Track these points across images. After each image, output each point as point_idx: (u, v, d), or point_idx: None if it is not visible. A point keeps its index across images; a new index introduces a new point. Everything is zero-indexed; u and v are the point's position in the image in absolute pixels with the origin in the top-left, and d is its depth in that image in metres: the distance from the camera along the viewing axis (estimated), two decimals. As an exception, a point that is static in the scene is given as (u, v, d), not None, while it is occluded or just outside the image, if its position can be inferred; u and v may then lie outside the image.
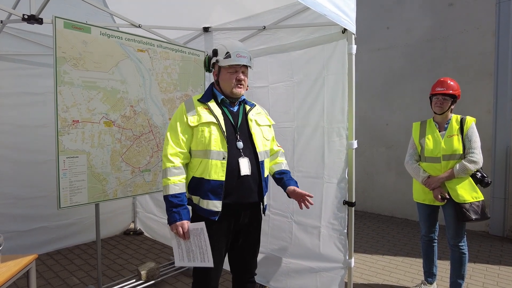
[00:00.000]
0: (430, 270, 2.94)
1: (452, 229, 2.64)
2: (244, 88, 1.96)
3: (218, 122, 1.84)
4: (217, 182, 1.79)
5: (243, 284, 2.09)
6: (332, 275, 2.53)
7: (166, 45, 3.04)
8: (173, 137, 1.84)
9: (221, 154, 1.80)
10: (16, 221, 3.62)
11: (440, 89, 2.64)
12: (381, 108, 5.60)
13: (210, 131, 1.81)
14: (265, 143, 2.00)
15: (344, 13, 2.14)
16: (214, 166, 1.79)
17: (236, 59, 1.85)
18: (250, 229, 1.99)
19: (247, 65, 1.91)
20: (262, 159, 1.95)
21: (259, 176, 1.92)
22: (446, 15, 4.93)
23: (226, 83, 1.90)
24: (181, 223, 1.75)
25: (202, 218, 1.81)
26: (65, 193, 2.47)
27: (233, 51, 1.86)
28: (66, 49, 2.43)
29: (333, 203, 2.49)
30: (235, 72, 1.88)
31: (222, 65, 1.88)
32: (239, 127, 1.92)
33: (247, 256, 2.05)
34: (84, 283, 3.17)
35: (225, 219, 1.84)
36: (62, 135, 2.43)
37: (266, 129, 2.06)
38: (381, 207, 5.72)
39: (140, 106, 2.84)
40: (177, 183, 1.79)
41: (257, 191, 1.91)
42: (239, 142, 1.87)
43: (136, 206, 4.66)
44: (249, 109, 2.02)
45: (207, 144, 1.80)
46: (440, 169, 2.62)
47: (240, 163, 1.83)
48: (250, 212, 1.94)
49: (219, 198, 1.79)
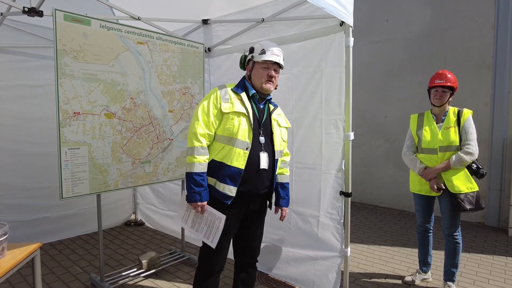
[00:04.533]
0: (425, 260, 3.01)
1: (447, 219, 2.69)
2: (274, 85, 2.05)
3: (248, 114, 1.94)
4: (237, 169, 1.90)
5: (245, 269, 2.18)
6: (329, 264, 2.59)
7: (166, 38, 3.05)
8: (205, 118, 1.93)
9: (246, 144, 1.91)
10: (18, 211, 3.67)
11: (440, 81, 2.66)
12: (380, 101, 5.62)
13: (239, 121, 1.92)
14: (282, 143, 2.13)
15: (342, 6, 2.17)
16: (237, 154, 1.90)
17: (270, 56, 1.97)
18: (257, 217, 2.14)
19: (279, 64, 2.01)
20: (277, 158, 2.08)
21: (273, 172, 2.05)
22: (445, 7, 4.92)
23: (258, 78, 2.00)
24: (201, 204, 1.89)
25: (215, 200, 1.93)
26: (67, 184, 2.51)
27: (268, 49, 1.98)
28: (67, 41, 2.45)
29: (331, 193, 2.54)
30: (267, 69, 1.99)
31: (257, 60, 1.99)
32: (263, 123, 2.03)
33: (251, 242, 2.16)
34: (86, 272, 3.23)
35: (237, 205, 1.96)
36: (63, 127, 2.46)
37: (284, 131, 2.18)
38: (379, 199, 5.78)
39: (140, 98, 2.87)
40: (202, 162, 1.90)
41: (268, 185, 2.05)
42: (262, 137, 1.99)
43: (136, 198, 4.72)
44: (273, 109, 2.13)
45: (235, 133, 1.90)
46: (436, 160, 2.66)
47: (260, 157, 1.95)
48: (259, 202, 2.08)
49: (235, 184, 1.91)
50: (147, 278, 3.08)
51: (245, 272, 2.18)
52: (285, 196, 2.22)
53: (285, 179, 2.25)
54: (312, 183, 2.70)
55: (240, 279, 2.18)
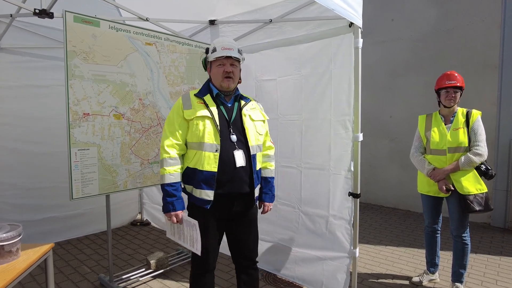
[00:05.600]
0: (433, 260, 3.00)
1: (455, 220, 2.69)
2: (234, 81, 1.99)
3: (212, 116, 1.92)
4: (209, 173, 1.88)
5: (245, 271, 2.15)
6: (338, 264, 2.60)
7: (174, 38, 3.06)
8: (170, 129, 1.94)
9: (214, 146, 1.89)
10: (25, 211, 3.70)
11: (450, 82, 2.66)
12: (385, 101, 5.62)
13: (204, 125, 1.89)
14: (258, 137, 2.07)
15: (351, 7, 2.16)
16: (207, 158, 1.88)
17: (221, 52, 1.92)
18: (243, 218, 2.07)
19: (235, 57, 1.94)
20: (254, 153, 2.01)
21: (251, 169, 1.99)
22: (451, 7, 4.90)
23: (215, 76, 1.97)
24: (175, 214, 1.90)
25: (195, 206, 1.94)
26: (77, 185, 2.52)
27: (219, 45, 1.94)
28: (76, 42, 2.46)
29: (341, 194, 2.54)
30: (223, 65, 1.94)
31: (210, 59, 1.97)
32: (232, 121, 1.98)
33: (245, 244, 2.11)
34: (95, 272, 3.25)
35: (217, 208, 1.93)
36: (73, 128, 2.47)
37: (260, 124, 2.11)
38: (384, 198, 5.78)
39: (148, 99, 2.88)
40: (172, 172, 1.90)
41: (248, 183, 1.99)
42: (233, 136, 1.94)
43: (142, 198, 4.74)
44: (243, 104, 2.07)
45: (201, 137, 1.88)
46: (445, 161, 2.66)
47: (235, 155, 1.91)
48: (242, 201, 2.01)
49: (211, 188, 1.89)
50: (155, 278, 3.09)
51: (245, 274, 2.15)
52: (268, 191, 2.18)
53: (269, 174, 2.20)
54: (320, 183, 2.70)
55: (242, 281, 2.15)
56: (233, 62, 1.96)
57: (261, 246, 3.15)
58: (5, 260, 1.71)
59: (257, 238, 2.18)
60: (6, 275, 1.56)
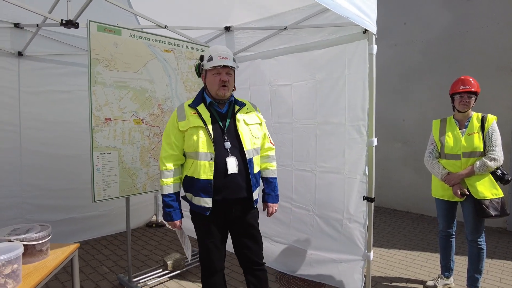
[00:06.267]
0: (447, 265, 3.00)
1: (470, 225, 2.69)
2: (229, 89, 2.03)
3: (205, 126, 1.96)
4: (206, 181, 1.94)
5: (252, 273, 2.18)
6: (352, 267, 2.63)
7: (191, 45, 3.15)
8: (167, 141, 2.03)
9: (209, 155, 1.94)
10: (47, 211, 3.83)
11: (464, 87, 2.67)
12: (398, 104, 5.61)
13: (198, 135, 1.95)
14: (254, 141, 2.08)
15: (366, 15, 2.21)
16: (203, 167, 1.94)
17: (217, 61, 1.95)
18: (243, 222, 2.10)
19: (230, 66, 1.99)
20: (250, 157, 2.03)
21: (247, 173, 2.01)
22: (465, 10, 4.88)
23: (212, 85, 2.01)
24: (172, 223, 2.05)
25: (195, 213, 2.04)
26: (99, 187, 2.62)
27: (215, 54, 1.97)
28: (99, 51, 2.56)
29: (355, 198, 2.58)
30: (219, 74, 1.97)
31: (206, 68, 2.00)
32: (227, 128, 2.02)
33: (246, 248, 2.13)
34: (113, 272, 3.35)
35: (217, 213, 2.00)
36: (96, 133, 2.58)
37: (256, 127, 2.13)
38: (397, 202, 5.75)
39: (167, 105, 2.97)
40: (169, 184, 2.00)
41: (245, 188, 2.02)
42: (227, 143, 1.98)
43: (158, 199, 4.84)
44: (238, 109, 2.09)
45: (196, 147, 1.94)
46: (460, 166, 2.67)
47: (227, 162, 1.95)
48: (240, 206, 2.05)
49: (209, 195, 1.95)
50: (172, 279, 3.17)
51: (252, 276, 2.17)
52: (270, 191, 2.21)
53: (270, 174, 2.23)
54: (335, 187, 2.75)
55: (251, 283, 2.17)
56: (228, 71, 2.00)
57: (275, 248, 3.23)
58: (36, 259, 1.80)
59: (260, 241, 2.18)
60: (39, 273, 1.65)
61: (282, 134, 3.15)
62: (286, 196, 3.13)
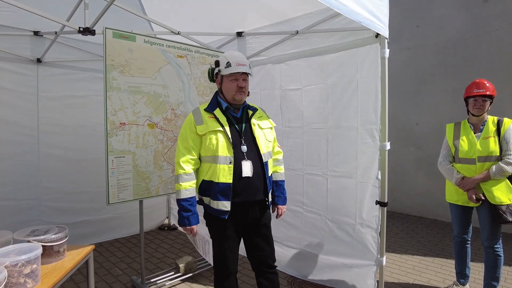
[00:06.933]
0: (463, 271, 2.94)
1: (487, 231, 2.63)
2: (245, 95, 2.10)
3: (224, 130, 1.99)
4: (225, 184, 1.96)
5: (264, 275, 2.19)
6: (364, 272, 2.61)
7: (203, 51, 3.20)
8: (184, 145, 2.03)
9: (228, 159, 1.97)
10: (63, 214, 3.91)
11: (478, 90, 2.63)
12: (411, 108, 5.54)
13: (217, 139, 1.97)
14: (268, 144, 2.15)
15: (378, 19, 2.20)
16: (222, 170, 1.96)
17: (236, 68, 2.00)
18: (258, 224, 2.13)
19: (247, 73, 2.05)
20: (266, 160, 2.10)
21: (264, 176, 2.07)
22: (480, 12, 4.81)
23: (229, 90, 2.04)
24: (190, 228, 2.03)
25: (213, 217, 2.03)
26: (113, 190, 2.68)
27: (233, 60, 2.01)
28: (114, 57, 2.63)
29: (368, 202, 2.56)
30: (236, 80, 2.02)
31: (224, 74, 2.03)
32: (243, 131, 2.06)
33: (260, 250, 2.16)
34: (126, 274, 3.39)
35: (234, 216, 2.01)
36: (111, 137, 2.63)
37: (268, 132, 2.19)
38: (410, 207, 5.67)
39: (180, 109, 3.02)
40: (188, 188, 2.00)
41: (262, 190, 2.07)
42: (243, 146, 2.02)
43: (170, 203, 4.90)
44: (251, 113, 2.15)
45: (215, 151, 1.96)
46: (475, 170, 2.62)
47: (242, 166, 1.98)
48: (258, 208, 2.10)
49: (227, 198, 1.97)
50: (184, 282, 3.19)
51: (264, 278, 2.18)
52: (280, 194, 2.25)
53: (280, 177, 2.28)
54: (347, 191, 2.73)
55: (263, 286, 2.18)
56: (245, 77, 2.06)
57: (287, 252, 3.22)
58: (53, 259, 1.85)
59: (272, 243, 2.22)
60: (57, 273, 1.69)
61: (293, 138, 3.16)
62: (297, 200, 3.13)
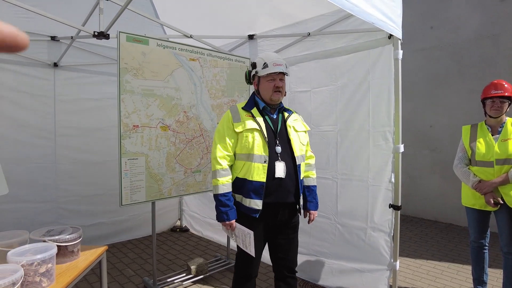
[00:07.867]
0: (480, 278, 2.86)
1: (506, 236, 2.56)
2: (282, 94, 2.10)
3: (261, 129, 2.01)
4: (258, 183, 1.96)
5: (284, 279, 2.19)
6: (377, 277, 2.57)
7: (215, 54, 3.21)
8: (221, 142, 2.04)
9: (263, 158, 1.98)
10: (79, 216, 3.98)
11: (496, 91, 2.57)
12: (425, 110, 5.45)
13: (253, 137, 1.98)
14: (302, 148, 2.15)
15: (391, 20, 2.18)
16: (256, 169, 1.96)
17: (273, 68, 2.03)
18: (287, 227, 2.13)
19: (284, 72, 2.05)
20: (299, 163, 2.09)
21: (296, 178, 2.05)
22: (497, 11, 4.70)
23: (266, 91, 2.07)
24: (229, 223, 1.99)
25: (244, 215, 2.01)
26: (126, 192, 2.71)
27: (270, 61, 2.04)
28: (128, 60, 2.67)
29: (381, 206, 2.52)
30: (273, 80, 2.04)
31: (261, 74, 2.05)
32: (278, 132, 2.06)
33: (286, 253, 2.16)
34: (139, 275, 3.43)
35: (265, 216, 2.01)
36: (124, 139, 2.67)
37: (303, 135, 2.19)
38: (424, 211, 5.56)
39: (192, 112, 3.04)
40: (225, 183, 2.00)
41: (294, 192, 2.06)
42: (278, 147, 2.02)
43: (182, 205, 4.93)
44: (287, 116, 2.16)
45: (250, 149, 1.97)
46: (493, 173, 2.55)
47: (276, 166, 1.98)
48: (288, 211, 2.08)
49: (260, 197, 1.97)
50: (195, 283, 3.20)
51: (284, 282, 2.19)
52: (312, 199, 2.23)
53: (311, 182, 2.26)
54: (359, 195, 2.70)
55: None
56: (282, 77, 2.08)
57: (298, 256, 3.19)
58: (68, 259, 1.88)
59: (297, 248, 2.23)
60: (71, 272, 1.72)
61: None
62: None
